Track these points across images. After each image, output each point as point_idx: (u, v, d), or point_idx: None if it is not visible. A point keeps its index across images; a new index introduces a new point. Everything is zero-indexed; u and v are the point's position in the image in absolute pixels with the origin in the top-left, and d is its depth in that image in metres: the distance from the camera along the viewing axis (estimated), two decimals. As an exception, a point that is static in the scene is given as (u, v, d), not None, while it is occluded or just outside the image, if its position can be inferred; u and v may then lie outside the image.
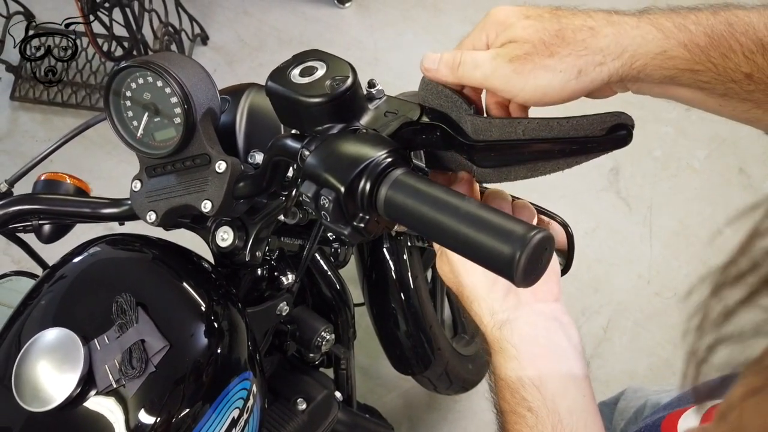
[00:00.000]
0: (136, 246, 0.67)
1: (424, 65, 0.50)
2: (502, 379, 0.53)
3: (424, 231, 0.43)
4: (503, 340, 0.52)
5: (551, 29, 0.45)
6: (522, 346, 0.51)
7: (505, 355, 0.52)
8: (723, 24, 0.43)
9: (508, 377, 0.52)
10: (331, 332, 0.87)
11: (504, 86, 0.46)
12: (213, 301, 0.63)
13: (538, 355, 0.51)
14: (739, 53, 0.42)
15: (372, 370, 1.67)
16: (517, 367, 0.51)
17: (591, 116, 0.45)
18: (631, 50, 0.43)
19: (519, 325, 0.52)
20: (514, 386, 0.51)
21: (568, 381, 0.51)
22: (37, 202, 0.70)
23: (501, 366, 0.53)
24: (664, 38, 0.43)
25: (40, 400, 0.54)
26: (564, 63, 0.44)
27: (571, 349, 0.53)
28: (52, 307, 0.61)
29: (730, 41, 0.42)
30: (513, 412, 0.52)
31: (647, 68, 0.43)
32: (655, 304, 1.76)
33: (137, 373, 0.55)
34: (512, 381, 0.52)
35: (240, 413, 0.62)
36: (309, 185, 0.47)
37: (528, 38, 0.45)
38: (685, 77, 0.43)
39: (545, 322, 0.53)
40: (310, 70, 0.51)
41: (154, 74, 0.59)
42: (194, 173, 0.61)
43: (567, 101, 0.45)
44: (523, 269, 0.37)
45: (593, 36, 0.44)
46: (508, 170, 0.49)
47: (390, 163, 0.46)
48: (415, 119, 0.51)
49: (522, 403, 0.51)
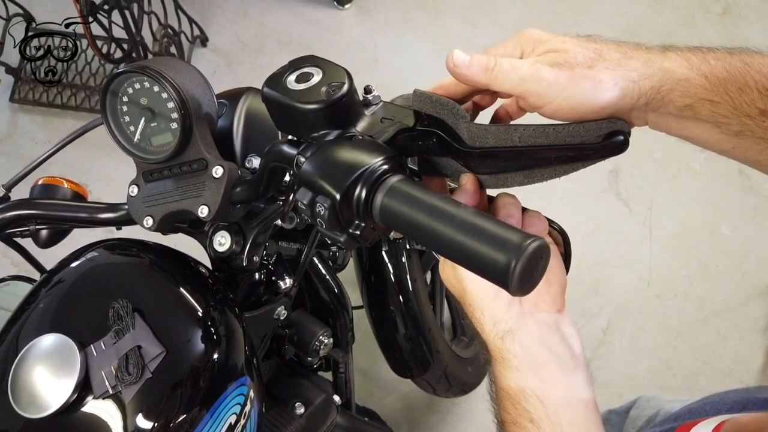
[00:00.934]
0: (133, 251, 0.67)
1: (453, 62, 0.48)
2: (503, 389, 0.52)
3: (420, 238, 0.43)
4: (505, 350, 0.52)
5: (589, 47, 0.46)
6: (524, 357, 0.51)
7: (506, 365, 0.52)
8: (739, 62, 0.45)
9: (510, 387, 0.52)
10: (329, 336, 0.87)
11: (540, 91, 0.45)
12: (210, 307, 0.63)
13: (540, 365, 0.51)
14: (754, 89, 0.43)
15: (371, 372, 1.67)
16: (519, 377, 0.51)
17: (587, 123, 0.45)
18: (660, 73, 0.44)
19: (521, 335, 0.51)
20: (516, 397, 0.51)
21: (571, 392, 0.51)
22: (34, 206, 0.70)
23: (502, 376, 0.52)
24: (689, 67, 0.44)
25: (37, 407, 0.54)
26: (603, 74, 0.45)
27: (574, 360, 0.52)
28: (48, 313, 0.61)
29: (746, 77, 0.44)
30: (514, 423, 0.51)
31: (672, 93, 0.44)
32: (655, 305, 1.76)
33: (134, 380, 0.55)
34: (514, 391, 0.51)
35: (237, 418, 0.62)
36: (304, 192, 0.46)
37: (569, 50, 0.46)
38: (704, 109, 0.44)
39: (548, 333, 0.52)
40: (306, 77, 0.51)
41: (150, 79, 0.59)
42: (191, 178, 0.61)
43: (595, 116, 0.45)
44: (518, 278, 0.37)
45: (626, 58, 0.45)
46: (505, 177, 0.48)
47: (386, 170, 0.45)
48: (412, 125, 0.51)
49: (524, 414, 0.51)
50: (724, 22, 2.17)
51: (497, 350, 0.52)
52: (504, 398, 0.52)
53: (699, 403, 0.66)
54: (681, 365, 1.69)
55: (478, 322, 0.53)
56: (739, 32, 2.15)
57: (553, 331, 0.53)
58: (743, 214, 1.87)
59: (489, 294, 0.52)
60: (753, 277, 1.78)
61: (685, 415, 0.64)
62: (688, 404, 0.67)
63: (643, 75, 0.45)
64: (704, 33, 2.15)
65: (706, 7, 2.19)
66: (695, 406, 0.65)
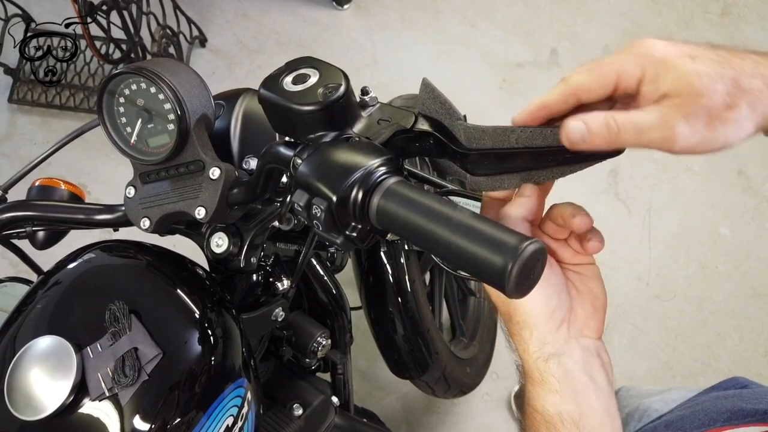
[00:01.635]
0: (130, 252, 0.67)
1: (569, 138, 0.43)
2: (539, 411, 0.52)
3: (417, 241, 0.43)
4: (547, 372, 0.51)
5: (727, 76, 0.40)
6: (565, 381, 0.50)
7: (546, 388, 0.51)
8: None
9: (546, 411, 0.51)
10: (327, 337, 0.86)
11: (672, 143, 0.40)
12: (207, 308, 0.63)
13: (579, 391, 0.50)
14: None
15: (370, 373, 1.67)
16: (558, 401, 0.50)
17: None
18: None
19: (566, 359, 0.51)
20: (552, 420, 0.51)
21: (605, 418, 0.51)
22: (31, 208, 0.70)
23: (539, 398, 0.52)
24: None
25: (33, 409, 0.54)
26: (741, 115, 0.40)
27: (608, 387, 0.52)
28: (45, 315, 0.61)
29: None
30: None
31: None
32: (654, 306, 1.76)
33: (130, 382, 0.55)
34: (550, 415, 0.51)
35: (234, 420, 0.62)
36: (301, 194, 0.46)
37: (703, 90, 0.39)
38: None
39: (590, 359, 0.52)
40: (303, 78, 0.51)
41: (147, 80, 0.59)
42: (188, 179, 0.61)
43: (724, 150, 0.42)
44: (515, 280, 0.37)
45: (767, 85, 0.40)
46: (502, 178, 0.48)
47: (383, 172, 0.45)
48: (409, 127, 0.51)
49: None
50: (724, 22, 2.17)
51: (538, 372, 0.51)
52: (539, 421, 0.52)
53: (689, 408, 0.65)
54: (680, 366, 1.69)
55: (524, 341, 0.52)
56: (739, 33, 2.15)
57: (594, 357, 0.52)
58: (742, 215, 1.87)
59: (543, 315, 0.50)
60: (752, 278, 1.78)
61: (677, 422, 0.63)
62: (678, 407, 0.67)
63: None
64: (704, 33, 2.15)
65: (706, 8, 2.19)
66: (687, 412, 0.64)
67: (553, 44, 2.13)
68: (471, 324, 1.56)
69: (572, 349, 0.51)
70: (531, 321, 0.51)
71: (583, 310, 0.52)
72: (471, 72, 2.09)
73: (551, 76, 2.08)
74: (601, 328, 0.53)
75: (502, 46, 2.13)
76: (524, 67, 2.10)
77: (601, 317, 0.53)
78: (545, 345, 0.51)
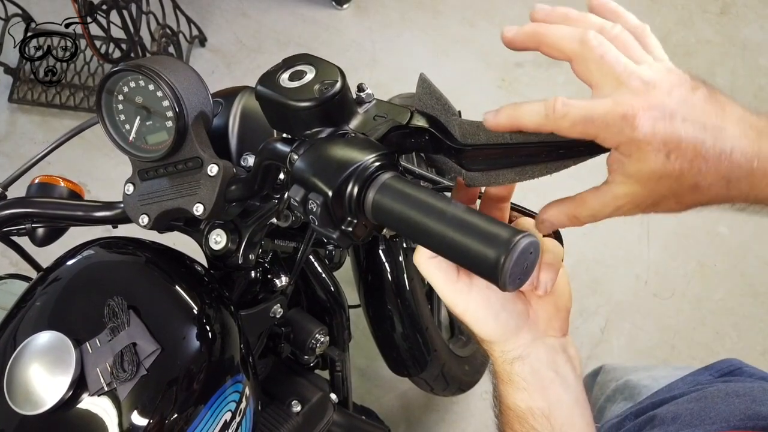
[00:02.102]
0: (129, 249, 0.67)
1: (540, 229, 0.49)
2: (511, 408, 0.53)
3: (411, 235, 0.43)
4: (513, 373, 0.52)
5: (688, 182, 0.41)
6: (532, 380, 0.51)
7: (514, 387, 0.52)
8: None
9: (518, 407, 0.52)
10: (325, 334, 0.87)
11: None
12: (205, 304, 0.63)
13: (547, 387, 0.52)
14: None
15: (370, 371, 1.67)
16: (527, 397, 0.52)
17: None
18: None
19: (531, 360, 0.52)
20: (523, 415, 0.52)
21: (575, 410, 0.52)
22: (31, 205, 0.70)
23: (509, 395, 0.53)
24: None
25: (32, 403, 0.54)
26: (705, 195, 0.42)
27: (576, 380, 0.53)
28: (44, 310, 0.61)
29: None
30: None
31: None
32: (653, 305, 1.76)
33: (128, 377, 0.55)
34: (522, 411, 0.52)
35: (232, 416, 0.62)
36: (297, 189, 0.47)
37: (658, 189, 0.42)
38: None
39: (555, 356, 0.53)
40: (299, 74, 0.51)
41: (145, 78, 0.59)
42: (186, 176, 0.61)
43: None
44: (508, 273, 0.38)
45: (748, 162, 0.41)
46: (497, 174, 0.49)
47: (378, 167, 0.46)
48: (404, 123, 0.51)
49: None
50: (723, 21, 2.17)
51: (505, 373, 0.52)
52: (511, 417, 0.53)
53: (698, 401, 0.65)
54: (678, 364, 1.69)
55: (487, 349, 0.54)
56: (738, 32, 2.15)
57: (560, 355, 0.53)
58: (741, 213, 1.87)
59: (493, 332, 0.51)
60: (751, 277, 1.79)
61: (686, 416, 0.63)
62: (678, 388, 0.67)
63: None
64: (702, 33, 2.15)
65: (704, 7, 2.19)
66: (696, 407, 0.64)
67: (552, 43, 2.14)
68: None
69: (537, 350, 0.52)
70: (485, 337, 0.52)
71: (545, 311, 0.53)
72: (470, 71, 2.09)
73: (550, 75, 2.09)
74: (565, 327, 0.54)
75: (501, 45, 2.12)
76: (523, 67, 2.11)
77: (564, 316, 0.53)
78: (507, 352, 0.52)
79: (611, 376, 0.79)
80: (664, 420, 0.65)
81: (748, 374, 0.72)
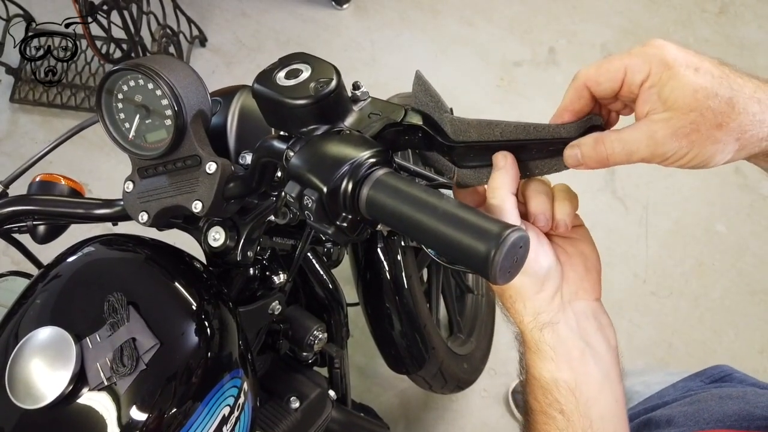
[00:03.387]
0: (128, 246, 0.68)
1: (568, 163, 0.47)
2: (536, 378, 0.52)
3: (405, 230, 0.44)
4: (542, 341, 0.51)
5: (723, 96, 0.40)
6: (560, 349, 0.51)
7: (542, 356, 0.51)
8: None
9: (543, 378, 0.51)
10: (323, 331, 0.88)
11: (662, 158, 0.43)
12: (204, 301, 0.64)
13: (575, 358, 0.51)
14: None
15: (369, 369, 1.68)
16: (554, 368, 0.51)
17: (568, 124, 0.46)
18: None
19: (560, 327, 0.51)
20: (548, 387, 0.51)
21: (604, 385, 0.51)
22: (32, 203, 0.71)
23: (536, 366, 0.52)
24: None
25: (33, 398, 0.55)
26: (730, 136, 0.41)
27: (608, 351, 0.52)
28: (45, 306, 0.62)
29: None
30: (543, 412, 0.51)
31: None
32: (650, 303, 1.77)
33: (128, 371, 0.56)
34: (546, 381, 0.51)
35: (231, 410, 0.63)
36: (293, 186, 0.47)
37: (695, 106, 0.41)
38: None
39: (585, 323, 0.52)
40: (296, 73, 0.52)
41: (145, 77, 0.60)
42: (185, 174, 0.62)
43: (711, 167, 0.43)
44: (498, 267, 0.38)
45: (763, 111, 0.41)
46: (489, 171, 0.49)
47: (372, 163, 0.47)
48: (398, 120, 0.52)
49: (554, 405, 0.51)
50: (721, 21, 2.18)
51: (533, 341, 0.52)
52: (536, 386, 0.52)
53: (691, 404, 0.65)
54: (676, 362, 1.70)
55: (518, 314, 0.52)
56: (736, 32, 2.15)
57: (590, 321, 0.52)
58: (739, 211, 1.87)
59: (534, 286, 0.51)
60: (748, 275, 1.79)
61: (680, 419, 0.63)
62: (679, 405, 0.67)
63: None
64: (701, 32, 2.16)
65: (703, 6, 2.20)
66: (690, 409, 0.64)
67: (550, 43, 2.15)
68: (469, 320, 1.57)
69: (567, 316, 0.51)
70: (523, 293, 0.51)
71: (575, 273, 0.52)
72: (469, 70, 2.10)
73: (549, 74, 2.09)
74: (597, 289, 0.53)
75: (499, 44, 2.14)
76: (522, 66, 2.11)
77: (596, 278, 0.53)
78: (540, 314, 0.51)
79: None
80: (659, 424, 0.65)
81: (738, 380, 0.72)
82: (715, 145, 0.41)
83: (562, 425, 0.50)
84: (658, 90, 0.42)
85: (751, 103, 0.41)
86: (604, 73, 0.44)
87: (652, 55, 0.43)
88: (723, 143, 0.41)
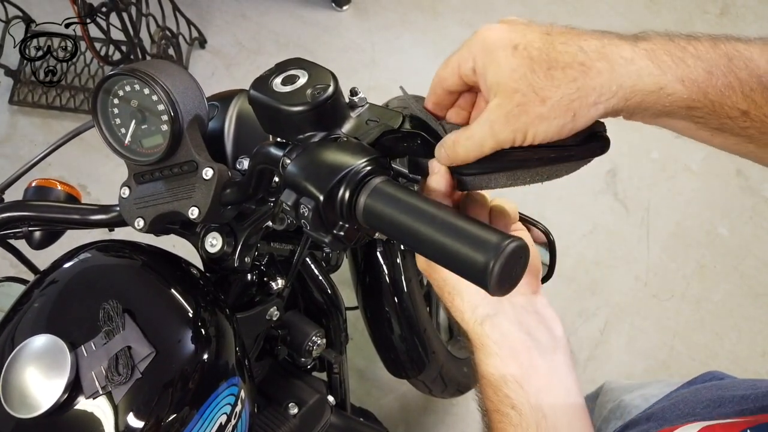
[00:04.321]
0: (125, 252, 0.67)
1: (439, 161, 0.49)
2: (485, 377, 0.52)
3: (402, 239, 0.43)
4: (484, 335, 0.51)
5: (540, 69, 0.41)
6: (503, 343, 0.51)
7: (486, 352, 0.51)
8: (723, 58, 0.40)
9: (491, 375, 0.51)
10: (322, 336, 0.87)
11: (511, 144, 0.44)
12: (200, 308, 0.63)
13: (519, 351, 0.51)
14: (738, 91, 0.40)
15: (368, 372, 1.67)
16: (500, 364, 0.51)
17: None
18: (627, 87, 0.41)
19: (500, 320, 0.51)
20: (497, 384, 0.51)
21: (551, 377, 0.51)
22: (27, 208, 0.70)
23: (482, 363, 0.52)
24: (661, 74, 0.40)
25: (28, 407, 0.54)
26: (557, 109, 0.41)
27: (554, 343, 0.52)
28: (40, 314, 0.61)
29: (729, 78, 0.40)
30: (497, 410, 0.51)
31: (643, 104, 0.41)
32: (652, 306, 1.76)
33: (123, 380, 0.55)
34: (495, 378, 0.51)
35: (228, 419, 0.62)
36: (289, 194, 0.47)
37: (516, 86, 0.41)
38: (680, 112, 0.42)
39: (526, 317, 0.52)
40: (292, 79, 0.51)
41: (140, 82, 0.59)
42: (182, 180, 0.62)
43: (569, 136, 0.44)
44: (497, 278, 0.38)
45: (585, 74, 0.41)
46: (488, 178, 0.49)
47: (369, 171, 0.46)
48: (396, 127, 0.51)
49: (505, 401, 0.50)
50: (722, 22, 2.17)
51: (477, 336, 0.52)
52: (486, 386, 0.52)
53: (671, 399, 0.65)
54: (678, 365, 1.69)
55: (458, 310, 0.53)
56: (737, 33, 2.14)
57: (530, 314, 0.52)
58: (741, 214, 1.87)
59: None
60: (750, 278, 1.79)
61: (658, 413, 0.63)
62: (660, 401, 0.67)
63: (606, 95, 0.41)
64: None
65: (704, 8, 2.19)
66: (668, 404, 0.64)
67: (551, 45, 2.14)
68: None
69: (505, 310, 0.51)
70: (459, 287, 0.51)
71: None
72: (469, 72, 2.09)
73: (550, 76, 2.09)
74: (534, 284, 0.53)
75: (500, 46, 2.13)
76: (523, 68, 2.11)
77: (533, 273, 0.53)
78: (477, 307, 0.51)
79: (608, 397, 0.78)
80: (639, 421, 0.65)
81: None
82: (544, 122, 0.41)
83: (515, 420, 0.49)
84: (484, 79, 0.43)
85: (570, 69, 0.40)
86: (445, 68, 0.46)
87: (474, 43, 0.44)
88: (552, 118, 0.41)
